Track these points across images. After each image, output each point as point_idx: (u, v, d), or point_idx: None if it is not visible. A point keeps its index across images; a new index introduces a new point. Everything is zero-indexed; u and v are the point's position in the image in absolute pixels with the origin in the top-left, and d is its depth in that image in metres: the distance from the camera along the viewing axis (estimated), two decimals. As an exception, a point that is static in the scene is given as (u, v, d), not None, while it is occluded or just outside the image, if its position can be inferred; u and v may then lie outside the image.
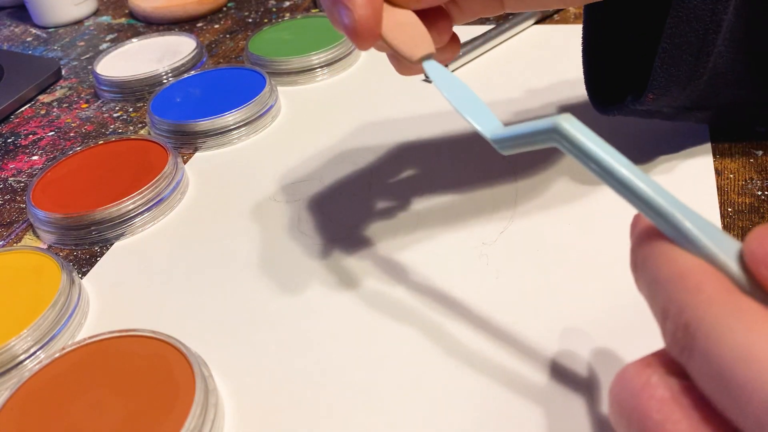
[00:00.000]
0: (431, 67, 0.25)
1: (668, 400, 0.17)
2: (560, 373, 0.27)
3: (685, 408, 0.16)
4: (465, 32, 0.54)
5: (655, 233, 0.19)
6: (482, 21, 0.55)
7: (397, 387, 0.28)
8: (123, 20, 0.72)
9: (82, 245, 0.39)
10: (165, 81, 0.54)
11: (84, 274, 0.37)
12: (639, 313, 0.28)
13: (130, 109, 0.53)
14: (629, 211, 0.20)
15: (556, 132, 0.20)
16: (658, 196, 0.18)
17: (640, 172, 0.19)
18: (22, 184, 0.46)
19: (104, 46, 0.66)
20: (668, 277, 0.18)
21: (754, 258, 0.16)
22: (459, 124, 0.43)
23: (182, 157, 0.45)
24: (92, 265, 0.37)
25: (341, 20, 0.24)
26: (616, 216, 0.34)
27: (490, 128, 0.23)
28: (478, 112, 0.24)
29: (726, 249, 0.17)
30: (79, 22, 0.73)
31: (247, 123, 0.46)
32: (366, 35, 0.24)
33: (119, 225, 0.39)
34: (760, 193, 0.34)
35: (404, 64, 0.26)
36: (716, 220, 0.32)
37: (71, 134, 0.51)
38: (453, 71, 0.50)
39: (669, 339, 0.17)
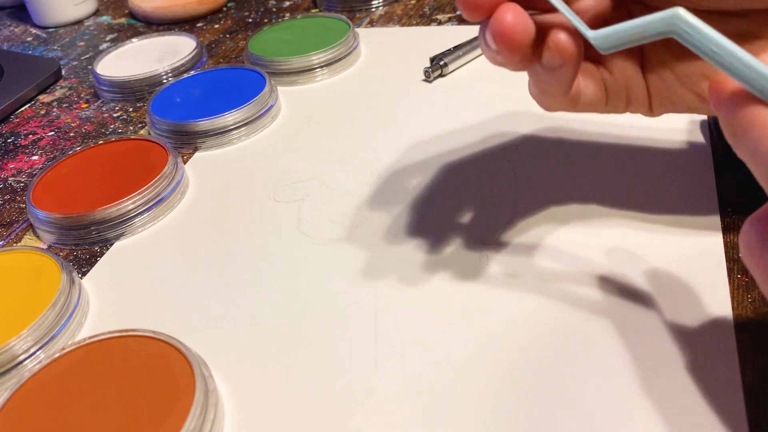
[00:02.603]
0: None
1: None
2: (560, 374, 0.27)
3: None
4: (465, 33, 0.54)
5: (752, 99, 0.21)
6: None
7: (397, 387, 0.28)
8: (123, 20, 0.72)
9: (82, 245, 0.39)
10: (165, 81, 0.54)
11: (84, 274, 0.37)
12: (640, 312, 0.29)
13: (130, 109, 0.53)
14: (628, 211, 0.20)
15: (676, 19, 0.21)
16: None
17: (753, 57, 0.21)
18: (22, 184, 0.46)
19: (104, 46, 0.66)
20: None
21: None
22: (459, 124, 0.43)
23: (182, 157, 0.45)
24: (92, 265, 0.37)
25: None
26: (616, 215, 0.34)
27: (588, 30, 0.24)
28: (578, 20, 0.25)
29: None
30: (79, 22, 0.73)
31: (247, 123, 0.46)
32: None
33: (119, 225, 0.39)
34: (760, 193, 0.33)
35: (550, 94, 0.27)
36: (716, 219, 0.32)
37: (71, 134, 0.51)
38: (452, 71, 0.50)
39: None
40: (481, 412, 0.26)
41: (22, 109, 0.56)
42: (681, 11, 0.21)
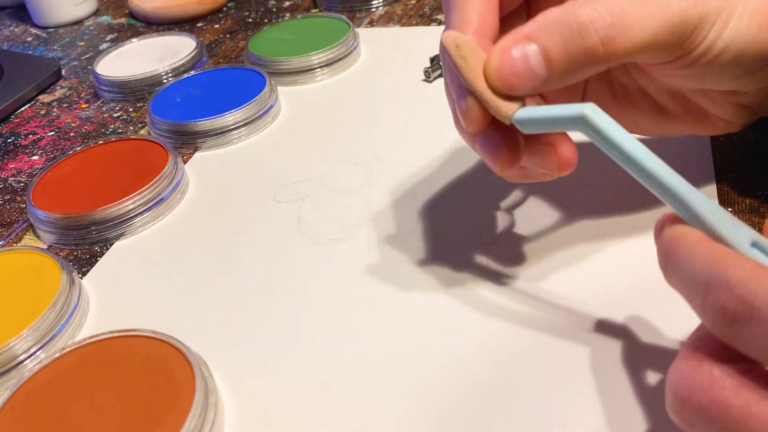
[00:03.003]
0: None
1: (739, 386, 0.18)
2: (560, 374, 0.27)
3: (758, 387, 0.18)
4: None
5: (683, 230, 0.21)
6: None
7: (397, 387, 0.28)
8: (123, 20, 0.72)
9: (82, 245, 0.39)
10: (165, 81, 0.54)
11: (84, 274, 0.37)
12: (640, 311, 0.29)
13: (130, 109, 0.53)
14: (629, 210, 0.20)
15: (582, 121, 0.21)
16: (675, 183, 0.20)
17: (661, 162, 0.20)
18: (22, 184, 0.46)
19: (104, 46, 0.66)
20: (707, 261, 0.19)
21: None
22: (459, 124, 0.43)
23: (182, 157, 0.45)
24: (92, 265, 0.37)
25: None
26: (617, 215, 0.34)
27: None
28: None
29: (740, 235, 0.20)
30: (79, 22, 0.73)
31: (247, 123, 0.46)
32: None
33: (119, 225, 0.39)
34: (760, 193, 0.33)
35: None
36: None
37: (71, 134, 0.51)
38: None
39: (717, 315, 0.18)
40: (483, 411, 0.26)
41: (22, 109, 0.56)
42: (587, 112, 0.21)
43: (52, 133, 0.52)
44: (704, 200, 0.20)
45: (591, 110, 0.21)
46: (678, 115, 0.31)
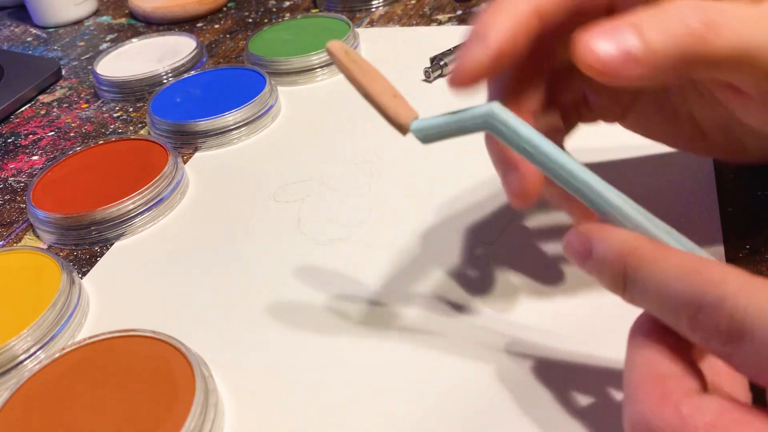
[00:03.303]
0: None
1: (714, 422, 0.16)
2: (559, 374, 0.27)
3: (736, 419, 0.16)
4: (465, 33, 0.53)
5: (629, 241, 0.19)
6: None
7: (396, 385, 0.28)
8: (123, 20, 0.72)
9: (82, 245, 0.39)
10: (165, 81, 0.54)
11: (84, 274, 0.37)
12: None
13: (130, 109, 0.53)
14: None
15: (491, 117, 0.20)
16: (591, 179, 0.20)
17: (575, 159, 0.20)
18: (22, 184, 0.46)
19: (104, 46, 0.66)
20: (682, 276, 0.18)
21: None
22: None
23: (182, 157, 0.45)
24: (92, 265, 0.37)
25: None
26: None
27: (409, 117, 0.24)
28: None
29: (660, 228, 0.20)
30: (79, 22, 0.73)
31: (247, 123, 0.46)
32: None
33: (119, 225, 0.39)
34: (760, 193, 0.33)
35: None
36: (716, 219, 0.32)
37: (71, 134, 0.51)
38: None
39: (709, 333, 0.17)
40: (484, 411, 0.26)
41: (22, 109, 0.56)
42: (496, 108, 0.20)
43: (52, 133, 0.52)
44: (620, 196, 0.20)
45: (499, 107, 0.20)
46: (716, 144, 0.29)
